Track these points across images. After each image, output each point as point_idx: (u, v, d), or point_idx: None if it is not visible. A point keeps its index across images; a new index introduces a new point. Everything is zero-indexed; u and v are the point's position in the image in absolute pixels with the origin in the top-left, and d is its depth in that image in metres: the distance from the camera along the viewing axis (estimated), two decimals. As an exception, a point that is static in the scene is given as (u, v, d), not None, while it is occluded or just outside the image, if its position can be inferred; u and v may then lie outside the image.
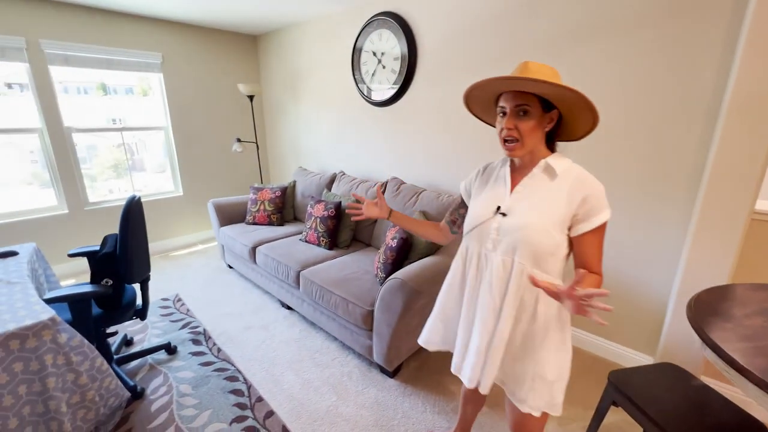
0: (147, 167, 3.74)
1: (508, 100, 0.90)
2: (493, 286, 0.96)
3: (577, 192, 0.89)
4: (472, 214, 1.04)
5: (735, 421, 1.00)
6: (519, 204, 0.95)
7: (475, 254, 1.02)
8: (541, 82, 0.80)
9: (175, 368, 2.00)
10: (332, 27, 3.12)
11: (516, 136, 0.91)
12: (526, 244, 0.91)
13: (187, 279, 3.07)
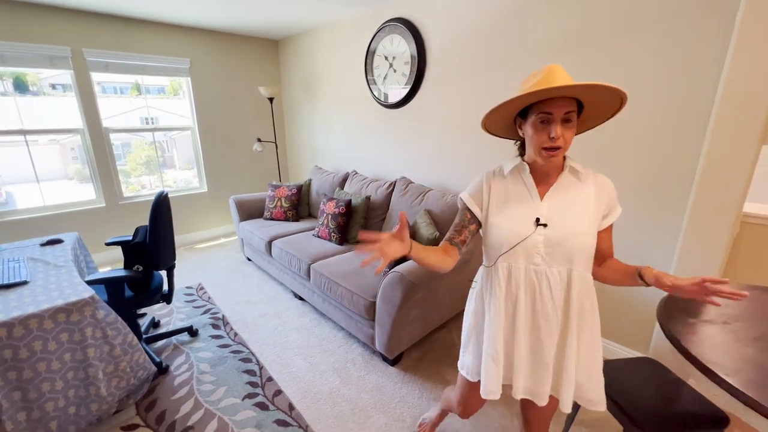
0: (177, 164, 4.02)
1: (556, 107, 0.85)
2: (554, 299, 0.93)
3: (602, 192, 0.94)
4: (507, 230, 0.96)
5: (700, 411, 1.06)
6: (557, 212, 0.93)
7: (522, 272, 0.96)
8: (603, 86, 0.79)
9: (196, 349, 2.19)
10: (347, 32, 3.26)
11: (562, 144, 0.87)
12: (581, 250, 0.91)
13: (209, 269, 3.30)
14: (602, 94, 0.83)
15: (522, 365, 0.99)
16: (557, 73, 0.84)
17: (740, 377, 0.81)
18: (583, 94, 0.85)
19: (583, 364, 0.96)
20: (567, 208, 0.93)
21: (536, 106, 0.87)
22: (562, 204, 0.93)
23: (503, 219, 0.97)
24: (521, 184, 0.98)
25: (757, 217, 1.52)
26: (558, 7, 1.90)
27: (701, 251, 1.50)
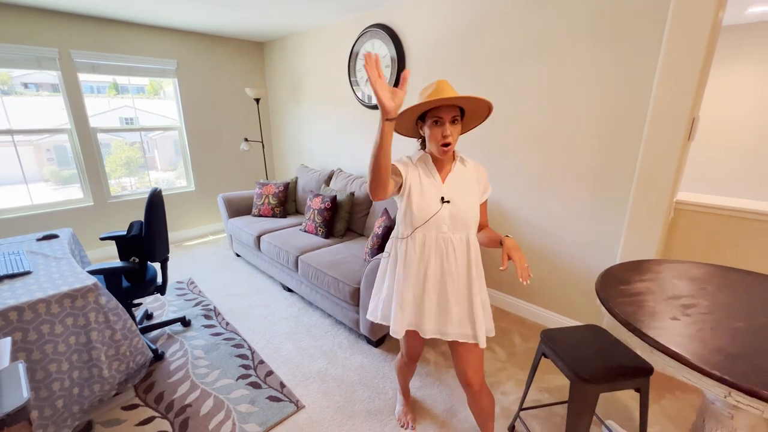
0: (158, 165, 4.06)
1: (445, 113, 1.13)
2: (457, 259, 1.21)
3: (480, 176, 1.28)
4: (423, 208, 1.19)
5: (631, 364, 1.26)
6: (455, 192, 1.21)
7: (433, 240, 1.21)
8: (476, 98, 1.10)
9: (189, 337, 2.31)
10: (331, 36, 3.41)
11: (452, 140, 1.15)
12: (473, 220, 1.22)
13: (199, 265, 3.40)
14: (476, 103, 1.12)
15: (432, 312, 1.25)
16: (445, 87, 1.12)
17: (656, 330, 1.00)
18: (463, 103, 1.13)
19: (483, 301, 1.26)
20: (461, 189, 1.22)
21: (430, 113, 1.15)
22: (458, 186, 1.22)
23: (419, 197, 1.20)
24: (427, 172, 1.23)
25: (688, 203, 1.75)
26: (521, 21, 2.11)
27: (643, 233, 1.72)
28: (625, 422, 1.67)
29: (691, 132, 1.54)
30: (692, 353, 0.90)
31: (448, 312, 1.23)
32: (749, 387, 0.79)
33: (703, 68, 1.47)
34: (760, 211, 1.63)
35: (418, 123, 1.22)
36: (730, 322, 1.03)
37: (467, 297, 1.24)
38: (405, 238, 1.25)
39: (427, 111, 1.16)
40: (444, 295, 1.23)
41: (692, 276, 1.33)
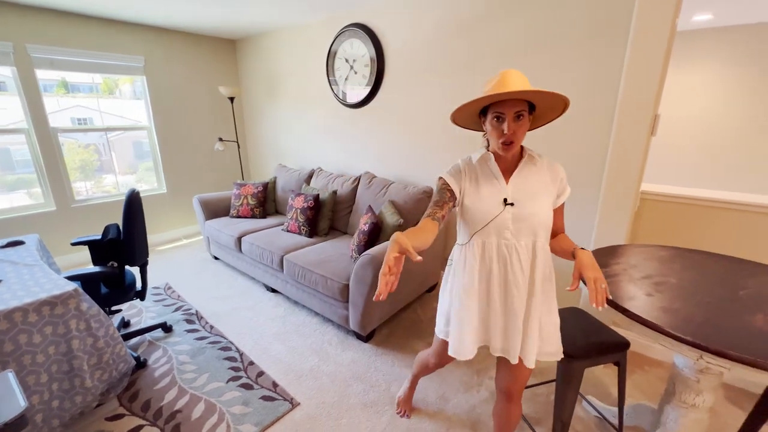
0: (116, 168, 3.72)
1: (507, 108, 1.00)
2: (523, 269, 1.08)
3: (556, 176, 1.12)
4: (480, 210, 1.09)
5: (610, 340, 1.38)
6: (520, 193, 1.08)
7: (494, 246, 1.09)
8: (542, 91, 0.94)
9: (172, 343, 2.24)
10: (307, 35, 3.39)
11: (514, 139, 1.02)
12: (542, 224, 1.07)
13: (175, 270, 3.28)
14: (546, 97, 0.99)
15: (498, 328, 1.13)
16: (508, 78, 0.99)
17: (635, 306, 1.11)
18: (531, 97, 0.99)
19: (545, 322, 1.13)
20: (528, 190, 1.08)
21: (492, 107, 1.03)
22: (524, 186, 1.09)
23: (476, 200, 1.10)
24: (488, 171, 1.12)
25: (651, 193, 1.92)
26: (497, 24, 2.21)
27: (613, 221, 1.86)
28: (603, 397, 1.80)
29: (654, 128, 1.69)
30: (668, 323, 1.00)
31: (518, 330, 1.11)
32: (717, 348, 0.90)
33: (663, 69, 1.61)
34: (713, 199, 1.81)
35: (481, 117, 1.10)
36: (696, 296, 1.16)
37: (524, 311, 1.11)
38: (463, 245, 1.16)
39: (489, 105, 1.04)
40: (511, 309, 1.11)
41: (660, 257, 1.46)
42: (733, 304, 1.10)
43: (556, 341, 1.15)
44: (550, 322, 1.14)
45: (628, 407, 1.58)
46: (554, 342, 1.15)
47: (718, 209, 1.82)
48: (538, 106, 1.06)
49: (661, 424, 1.32)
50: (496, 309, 1.13)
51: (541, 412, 1.72)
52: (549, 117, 1.11)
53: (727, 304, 1.11)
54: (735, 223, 1.79)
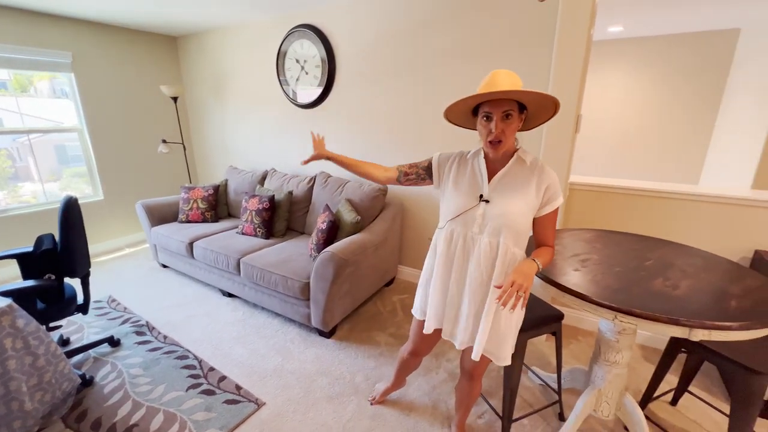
0: (35, 175, 3.33)
1: (495, 107, 1.01)
2: (481, 264, 1.12)
3: (542, 182, 1.09)
4: (456, 201, 1.15)
5: (548, 313, 1.56)
6: (499, 193, 1.10)
7: (461, 237, 1.15)
8: (527, 91, 0.96)
9: (121, 357, 2.11)
10: (255, 34, 3.33)
11: (502, 138, 1.04)
12: (509, 227, 1.08)
13: (119, 281, 3.07)
14: (532, 97, 0.99)
15: (451, 314, 1.22)
16: (497, 78, 1.01)
17: (565, 279, 1.28)
18: (518, 96, 1.00)
19: (501, 328, 1.15)
20: (507, 191, 1.09)
21: (481, 106, 1.05)
22: (505, 187, 1.10)
23: (455, 192, 1.17)
24: (476, 166, 1.17)
25: (578, 184, 2.18)
26: (438, 29, 2.36)
27: (548, 211, 2.09)
28: (545, 366, 2.02)
29: (577, 126, 1.92)
30: (589, 292, 1.18)
31: (464, 319, 1.19)
32: (628, 309, 1.08)
33: (582, 74, 1.85)
34: (629, 187, 2.10)
35: (474, 116, 1.13)
36: (613, 268, 1.36)
37: (476, 309, 1.16)
38: (440, 229, 1.23)
39: (480, 104, 1.06)
40: (464, 299, 1.18)
41: (585, 238, 1.68)
42: (639, 272, 1.32)
43: (509, 348, 1.19)
44: (509, 330, 1.17)
45: (565, 372, 1.79)
46: (507, 349, 1.18)
47: (633, 196, 2.11)
48: (530, 106, 1.06)
49: (591, 382, 1.53)
50: (452, 295, 1.20)
51: (493, 386, 1.88)
52: (542, 118, 1.11)
53: (636, 273, 1.32)
54: (647, 207, 2.09)
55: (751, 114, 3.06)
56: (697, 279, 1.27)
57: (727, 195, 1.89)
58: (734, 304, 1.10)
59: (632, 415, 1.46)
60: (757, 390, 1.25)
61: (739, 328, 1.00)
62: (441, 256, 1.21)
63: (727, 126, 3.57)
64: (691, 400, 1.78)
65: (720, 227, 1.94)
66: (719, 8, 2.98)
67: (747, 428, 1.29)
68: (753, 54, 3.27)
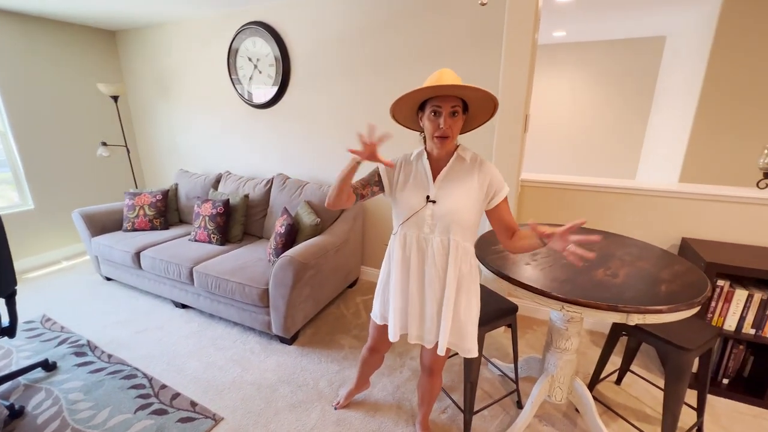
0: None
1: (444, 102, 1.04)
2: (436, 263, 1.16)
3: (483, 178, 1.13)
4: (405, 205, 1.18)
5: (503, 306, 1.62)
6: (444, 191, 1.14)
7: (415, 239, 1.18)
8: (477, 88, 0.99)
9: (58, 382, 1.92)
10: (203, 30, 3.17)
11: (449, 133, 1.07)
12: (457, 223, 1.12)
13: (55, 298, 2.79)
14: (479, 95, 1.03)
15: (414, 316, 1.24)
16: (445, 75, 1.04)
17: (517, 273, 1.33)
18: (466, 95, 1.05)
19: (461, 319, 1.20)
20: (452, 189, 1.13)
21: (429, 102, 1.07)
22: (449, 185, 1.14)
23: (404, 195, 1.18)
24: (421, 168, 1.19)
25: (529, 181, 2.29)
26: (393, 30, 2.38)
27: (502, 207, 2.18)
28: (504, 357, 2.10)
29: (526, 126, 2.02)
30: (539, 284, 1.23)
31: (431, 319, 1.21)
32: (573, 299, 1.14)
33: (529, 76, 1.94)
34: (577, 183, 2.23)
35: (419, 114, 1.14)
36: (560, 260, 1.44)
37: (437, 307, 1.20)
38: (394, 235, 1.25)
39: (427, 101, 1.09)
40: (426, 299, 1.21)
41: (536, 233, 1.76)
42: (583, 263, 1.40)
43: (472, 339, 1.23)
44: (469, 319, 1.22)
45: (522, 361, 1.87)
46: (470, 339, 1.23)
47: (577, 191, 2.25)
48: (471, 106, 1.11)
49: (545, 370, 1.61)
50: (413, 298, 1.23)
51: (455, 380, 1.93)
52: (480, 119, 1.16)
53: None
54: (590, 201, 2.23)
55: (676, 115, 3.38)
56: (633, 267, 1.38)
57: (656, 188, 2.06)
58: (664, 288, 1.20)
59: (582, 397, 1.56)
60: (687, 365, 1.38)
61: (668, 311, 1.09)
62: (397, 262, 1.23)
63: (658, 125, 3.92)
64: (633, 378, 1.93)
65: (652, 218, 2.11)
66: (646, 17, 3.26)
67: (679, 399, 1.42)
68: (676, 60, 3.61)
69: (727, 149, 2.92)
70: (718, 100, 2.86)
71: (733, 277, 1.77)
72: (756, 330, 1.71)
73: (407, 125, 1.23)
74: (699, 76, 2.92)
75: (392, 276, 1.26)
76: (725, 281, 1.73)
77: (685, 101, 3.16)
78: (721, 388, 1.84)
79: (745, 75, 2.77)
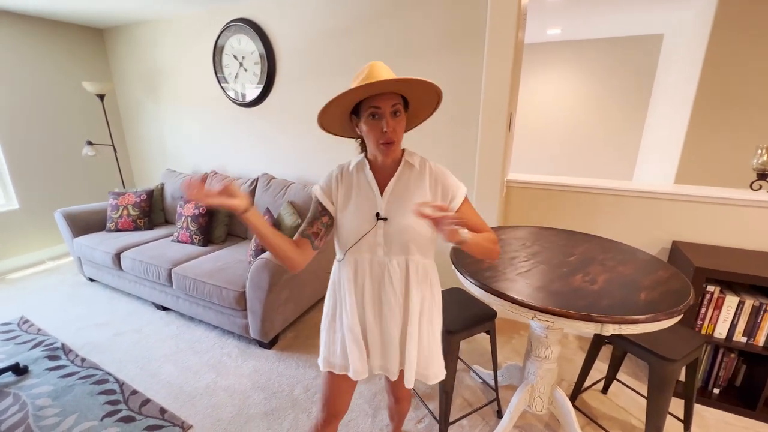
0: None
1: (383, 102, 0.87)
2: (395, 288, 1.00)
3: (435, 184, 0.99)
4: (350, 227, 0.99)
5: (481, 312, 1.56)
6: (395, 205, 0.97)
7: (367, 264, 1.00)
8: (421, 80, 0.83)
9: (27, 387, 1.88)
10: (189, 28, 3.12)
11: (395, 137, 0.90)
12: (415, 240, 0.97)
13: (35, 300, 2.75)
14: (421, 88, 0.89)
15: (375, 347, 1.05)
16: (378, 70, 0.88)
17: (493, 280, 1.26)
18: (405, 89, 0.90)
19: (425, 345, 1.05)
20: (404, 201, 0.97)
21: (366, 102, 0.89)
22: (401, 197, 0.97)
23: (348, 216, 0.99)
24: (364, 181, 1.00)
25: (515, 182, 2.23)
26: (377, 27, 2.32)
27: (486, 208, 2.11)
28: (486, 364, 2.03)
29: (510, 125, 1.95)
30: (512, 290, 1.17)
31: (394, 349, 1.04)
32: (544, 307, 1.08)
33: (513, 75, 1.87)
34: (563, 184, 2.17)
35: (353, 119, 0.96)
36: (539, 265, 1.37)
37: (399, 335, 1.04)
38: (340, 262, 1.06)
39: (361, 102, 0.91)
40: (386, 329, 1.03)
41: (517, 236, 1.70)
42: (562, 268, 1.34)
43: (438, 363, 1.09)
44: (434, 342, 1.08)
45: (503, 369, 1.80)
46: (436, 363, 1.09)
47: (566, 192, 2.18)
48: (412, 101, 0.95)
49: (525, 378, 1.54)
50: (372, 329, 1.05)
51: (432, 390, 1.86)
52: (422, 116, 1.03)
53: (559, 269, 1.34)
54: (579, 203, 2.16)
55: (673, 115, 3.30)
56: (613, 273, 1.31)
57: (646, 189, 1.99)
58: (643, 296, 1.14)
59: (562, 407, 1.49)
60: (670, 375, 1.31)
61: (645, 321, 1.02)
62: (350, 292, 1.02)
63: (655, 125, 3.83)
64: (620, 387, 1.86)
65: (642, 220, 2.04)
66: (643, 14, 3.18)
67: (662, 411, 1.35)
68: (673, 58, 3.53)
69: (723, 149, 2.84)
70: (714, 99, 2.79)
71: (724, 283, 1.70)
72: (747, 338, 1.64)
73: (340, 133, 1.05)
74: (695, 75, 2.84)
75: (344, 308, 1.05)
76: (715, 287, 1.66)
77: (682, 100, 3.09)
78: (711, 398, 1.76)
79: (741, 74, 2.69)
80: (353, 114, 0.95)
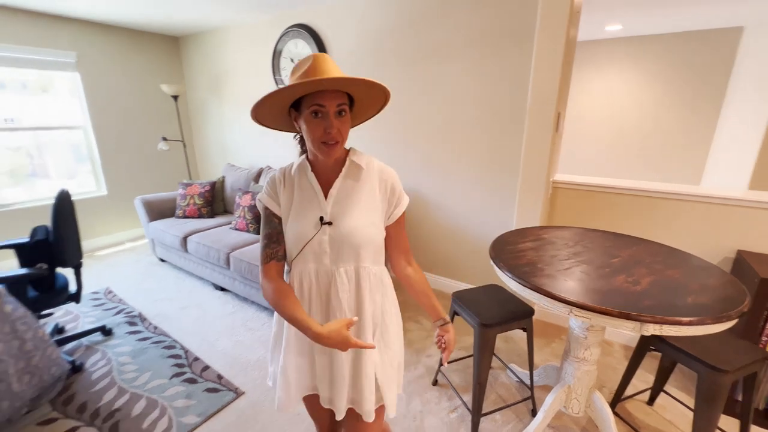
0: (52, 173, 3.44)
1: (329, 100, 0.79)
2: (343, 301, 0.89)
3: (385, 184, 0.92)
4: (295, 234, 0.89)
5: (519, 308, 1.57)
6: (341, 208, 0.89)
7: (313, 274, 0.90)
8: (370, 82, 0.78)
9: (112, 346, 2.19)
10: (252, 34, 3.40)
11: (339, 138, 0.83)
12: (366, 245, 0.89)
13: (118, 274, 3.16)
14: (370, 89, 0.83)
15: (324, 375, 0.94)
16: (326, 64, 0.79)
17: (529, 277, 1.29)
18: (353, 89, 0.83)
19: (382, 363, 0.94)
20: (350, 204, 0.89)
21: (309, 98, 0.80)
22: (346, 200, 0.89)
23: (291, 222, 0.90)
24: (307, 184, 0.91)
25: (562, 182, 2.18)
26: (422, 31, 2.38)
27: (529, 208, 2.09)
28: (523, 364, 2.02)
29: (558, 125, 1.93)
30: (547, 285, 1.19)
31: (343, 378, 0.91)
32: (580, 302, 1.09)
33: (563, 73, 1.85)
34: (613, 186, 2.09)
35: (292, 113, 0.87)
36: (581, 265, 1.37)
37: (350, 361, 0.92)
38: (287, 274, 0.95)
39: (302, 97, 0.82)
40: (335, 355, 0.91)
41: (561, 236, 1.68)
42: (604, 269, 1.32)
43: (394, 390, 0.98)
44: (389, 362, 0.96)
45: (540, 369, 1.79)
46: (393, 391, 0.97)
47: (621, 195, 2.09)
48: (358, 101, 0.89)
49: (561, 379, 1.53)
50: (319, 353, 0.93)
51: (468, 381, 1.89)
52: (365, 115, 0.96)
53: (601, 269, 1.32)
54: (635, 206, 2.07)
55: (754, 112, 3.00)
56: (660, 276, 1.27)
57: (709, 194, 1.86)
58: (691, 300, 1.10)
59: (600, 412, 1.47)
60: (721, 388, 1.25)
61: (689, 323, 1.00)
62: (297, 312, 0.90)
63: (729, 125, 3.50)
64: (668, 400, 1.77)
65: (703, 227, 1.91)
66: (722, 6, 2.93)
67: (711, 425, 1.29)
68: (756, 51, 3.20)
69: (810, 154, 2.55)
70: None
71: (796, 298, 1.55)
72: (822, 359, 1.49)
73: (277, 127, 0.95)
74: (777, 71, 2.57)
75: (287, 327, 0.94)
76: (785, 301, 1.52)
77: (761, 99, 2.80)
78: (775, 421, 1.62)
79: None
80: (292, 108, 0.86)
